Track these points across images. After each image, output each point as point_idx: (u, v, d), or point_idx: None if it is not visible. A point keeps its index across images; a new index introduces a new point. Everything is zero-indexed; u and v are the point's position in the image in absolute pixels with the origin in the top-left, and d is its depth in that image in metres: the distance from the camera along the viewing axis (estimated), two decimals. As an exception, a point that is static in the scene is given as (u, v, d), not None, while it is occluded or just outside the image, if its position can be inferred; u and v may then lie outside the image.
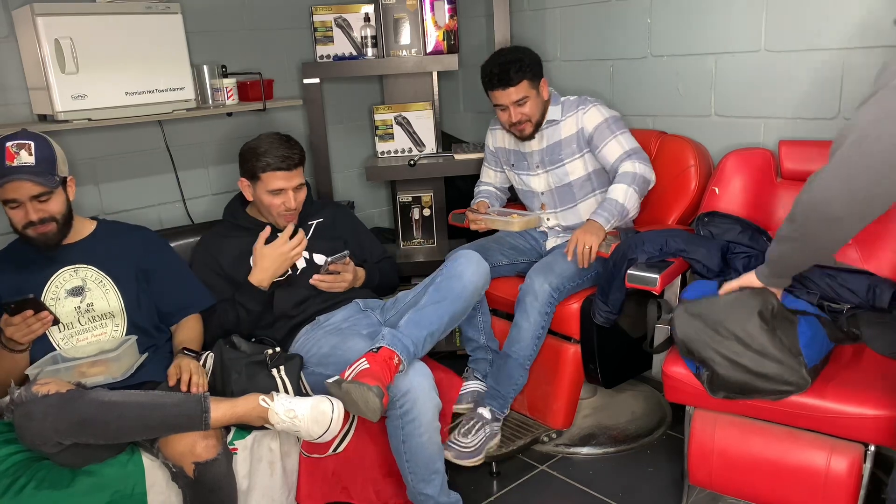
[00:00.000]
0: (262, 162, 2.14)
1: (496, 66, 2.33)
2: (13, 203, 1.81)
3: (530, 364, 2.27)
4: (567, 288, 2.25)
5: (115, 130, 2.49)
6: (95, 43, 2.16)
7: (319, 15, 2.85)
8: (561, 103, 2.42)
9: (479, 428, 2.22)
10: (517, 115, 2.35)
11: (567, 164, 2.42)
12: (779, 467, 1.75)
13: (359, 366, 1.82)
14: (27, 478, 1.65)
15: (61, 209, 1.88)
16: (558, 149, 2.42)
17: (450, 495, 1.96)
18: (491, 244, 2.49)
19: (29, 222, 1.83)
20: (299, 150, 2.20)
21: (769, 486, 1.78)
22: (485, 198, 2.65)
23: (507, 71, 2.30)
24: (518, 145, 2.51)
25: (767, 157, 2.24)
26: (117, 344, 1.91)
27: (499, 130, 2.61)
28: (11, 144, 1.80)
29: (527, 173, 2.52)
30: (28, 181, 1.78)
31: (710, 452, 1.85)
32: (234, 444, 1.86)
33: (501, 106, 2.36)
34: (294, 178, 2.17)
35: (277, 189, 2.16)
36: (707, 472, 1.86)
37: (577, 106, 2.39)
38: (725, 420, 1.83)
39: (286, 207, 2.18)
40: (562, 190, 2.46)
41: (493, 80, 2.33)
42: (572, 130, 2.39)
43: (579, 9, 2.78)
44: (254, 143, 2.19)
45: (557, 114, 2.41)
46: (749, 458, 1.79)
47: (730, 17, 2.36)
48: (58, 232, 1.88)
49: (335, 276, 2.20)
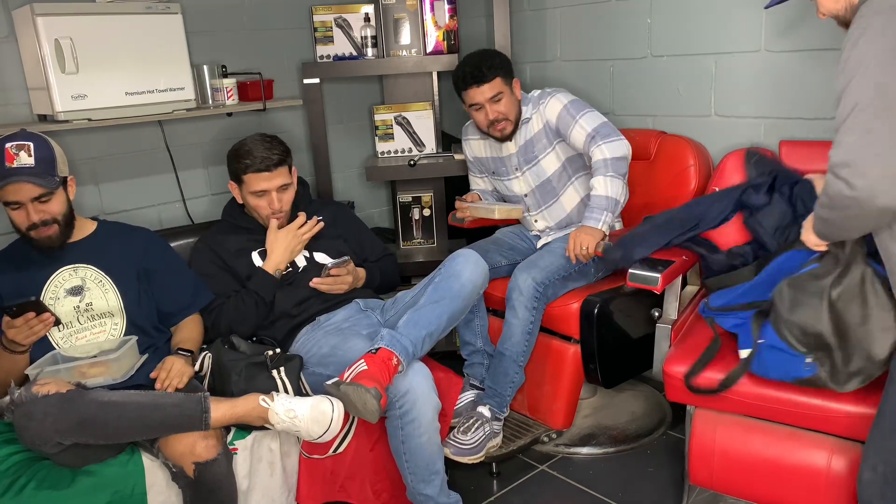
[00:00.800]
0: (242, 164, 2.14)
1: (468, 65, 2.33)
2: (14, 205, 1.82)
3: (525, 361, 2.27)
4: (552, 281, 2.25)
5: (115, 130, 2.49)
6: (95, 43, 2.16)
7: (319, 15, 2.85)
8: (529, 101, 2.42)
9: (479, 426, 2.22)
10: (493, 112, 2.33)
11: (542, 159, 2.41)
12: (780, 467, 1.75)
13: (357, 367, 1.82)
14: (27, 478, 1.65)
15: (62, 209, 1.88)
16: (531, 146, 2.41)
17: (449, 496, 1.96)
18: (489, 245, 2.49)
19: (31, 224, 1.83)
20: (280, 150, 2.17)
21: (770, 486, 1.78)
22: (479, 192, 2.65)
23: (479, 67, 2.30)
24: (495, 151, 2.50)
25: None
26: (117, 344, 1.91)
27: (472, 140, 2.59)
28: (11, 146, 1.79)
29: (507, 178, 2.51)
30: (28, 182, 1.78)
31: (711, 452, 1.84)
32: (234, 445, 1.87)
33: (476, 105, 2.34)
34: (275, 178, 2.15)
35: (260, 191, 2.15)
36: (708, 472, 1.86)
37: (539, 100, 2.38)
38: (726, 419, 1.83)
39: (271, 209, 2.18)
40: (542, 187, 2.45)
41: (466, 78, 2.32)
42: (539, 125, 2.38)
43: (579, 9, 2.78)
44: (238, 145, 2.20)
45: (528, 111, 2.41)
46: (750, 457, 1.79)
47: (730, 17, 2.36)
48: (60, 234, 1.89)
49: (335, 279, 2.20)
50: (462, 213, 2.49)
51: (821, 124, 2.22)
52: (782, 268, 1.79)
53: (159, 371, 1.87)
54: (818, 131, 2.23)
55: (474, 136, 2.58)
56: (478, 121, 2.39)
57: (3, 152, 1.78)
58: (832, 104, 2.17)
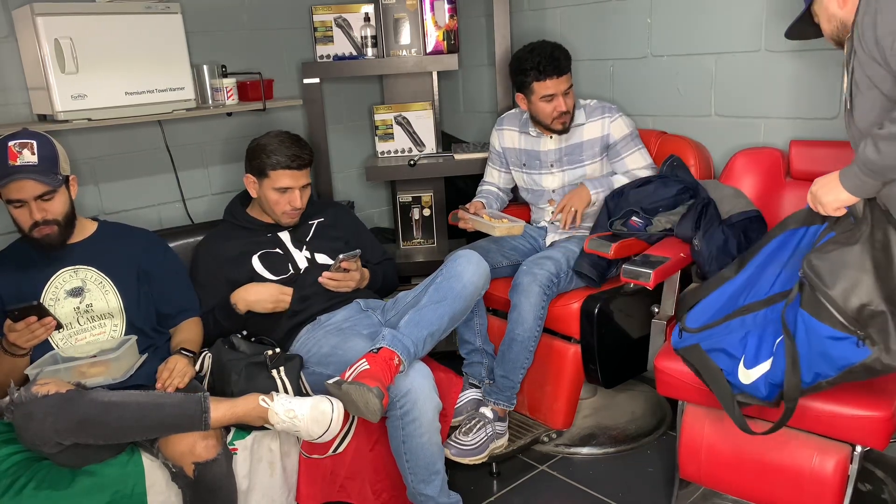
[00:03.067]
0: (273, 159, 2.15)
1: (544, 55, 2.34)
2: (17, 203, 1.82)
3: (534, 346, 2.27)
4: (566, 270, 2.27)
5: (115, 130, 2.49)
6: (95, 43, 2.16)
7: (319, 15, 2.85)
8: (583, 107, 2.47)
9: (481, 427, 2.22)
10: (566, 104, 2.37)
11: (587, 165, 2.46)
12: (765, 464, 1.76)
13: (359, 366, 1.82)
14: (27, 478, 1.65)
15: (64, 209, 1.88)
16: (579, 150, 2.45)
17: (450, 496, 1.96)
18: (491, 245, 2.49)
19: (34, 223, 1.83)
20: (309, 150, 2.22)
21: (756, 483, 1.79)
22: (484, 198, 2.65)
23: (558, 59, 2.34)
24: (531, 144, 2.52)
25: (776, 157, 2.24)
26: (117, 344, 1.91)
27: (507, 130, 2.61)
28: (14, 144, 1.80)
29: (538, 172, 2.53)
30: (31, 180, 1.79)
31: (700, 447, 1.86)
32: (234, 445, 1.86)
33: (549, 96, 2.36)
34: (302, 178, 2.19)
35: (284, 187, 2.17)
36: (696, 467, 1.88)
37: (603, 112, 2.44)
38: (715, 415, 1.83)
39: (292, 206, 2.19)
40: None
41: (546, 68, 2.33)
42: (596, 134, 2.43)
43: (579, 9, 2.78)
44: (264, 139, 2.20)
45: (581, 117, 2.45)
46: (736, 454, 1.80)
47: (730, 17, 2.36)
48: (59, 234, 1.89)
49: (344, 275, 2.20)
50: (464, 223, 2.50)
51: (821, 124, 2.22)
52: (776, 256, 1.69)
53: (163, 370, 1.87)
54: (819, 131, 2.23)
55: (511, 127, 2.59)
56: (544, 112, 2.40)
57: (6, 150, 1.79)
58: (833, 104, 2.19)
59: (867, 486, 2.01)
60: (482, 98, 3.26)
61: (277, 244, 2.25)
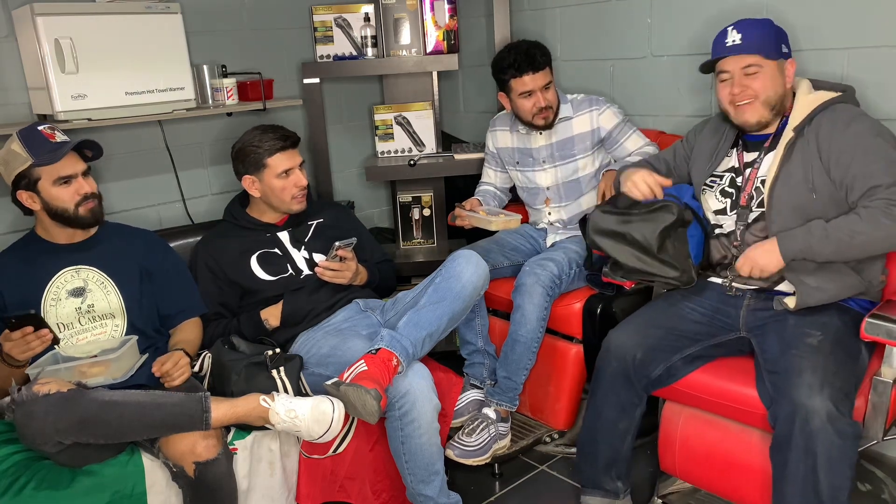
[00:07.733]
0: (265, 147, 2.17)
1: (520, 53, 2.35)
2: (65, 180, 1.87)
3: (537, 347, 2.27)
4: (568, 272, 2.28)
5: (115, 130, 2.48)
6: (95, 43, 2.16)
7: (319, 15, 2.85)
8: (570, 101, 2.47)
9: (484, 428, 2.22)
10: (545, 100, 2.38)
11: (579, 159, 2.47)
12: (730, 462, 1.83)
13: (357, 368, 1.82)
14: (27, 478, 1.65)
15: (94, 186, 1.96)
16: (570, 144, 2.45)
17: (450, 496, 1.96)
18: (491, 245, 2.49)
19: (84, 197, 1.90)
20: (291, 130, 2.24)
21: (723, 479, 1.86)
22: (480, 196, 2.65)
23: (534, 56, 2.35)
24: (523, 142, 2.53)
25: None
26: (117, 343, 1.91)
27: (499, 131, 2.61)
28: (44, 127, 1.88)
29: (532, 170, 2.54)
30: (75, 156, 1.89)
31: (674, 441, 1.93)
32: (234, 444, 1.86)
33: (527, 93, 2.37)
34: (296, 156, 2.23)
35: (285, 170, 2.18)
36: (672, 460, 1.95)
37: (591, 105, 2.45)
38: (689, 413, 1.93)
39: (298, 186, 2.21)
40: (569, 185, 2.50)
41: (522, 65, 2.34)
42: (586, 128, 2.44)
43: (579, 9, 2.78)
44: (245, 137, 2.23)
45: (569, 111, 2.45)
46: (706, 450, 1.88)
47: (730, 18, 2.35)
48: (101, 209, 1.97)
49: (340, 265, 2.19)
50: (461, 220, 2.50)
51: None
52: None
53: (166, 361, 1.86)
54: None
55: (503, 127, 2.60)
56: (524, 108, 2.41)
57: (41, 134, 1.86)
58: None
59: (867, 486, 2.01)
60: (482, 98, 3.26)
61: (276, 244, 2.25)
